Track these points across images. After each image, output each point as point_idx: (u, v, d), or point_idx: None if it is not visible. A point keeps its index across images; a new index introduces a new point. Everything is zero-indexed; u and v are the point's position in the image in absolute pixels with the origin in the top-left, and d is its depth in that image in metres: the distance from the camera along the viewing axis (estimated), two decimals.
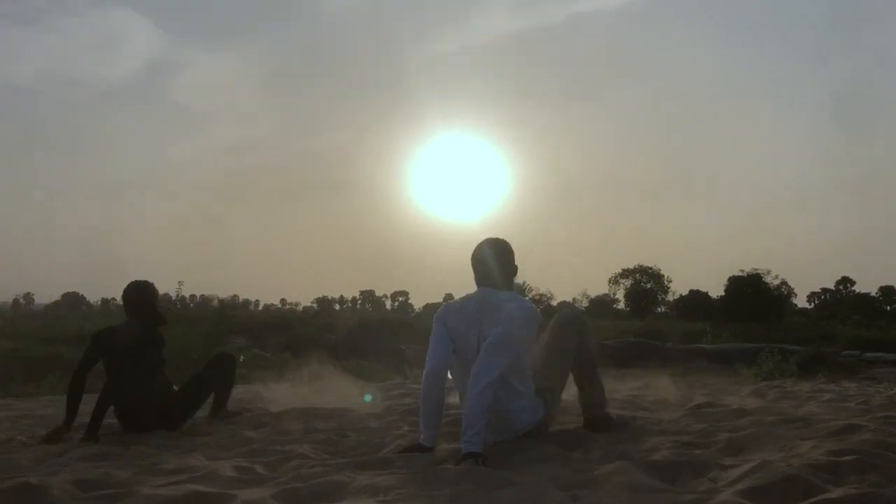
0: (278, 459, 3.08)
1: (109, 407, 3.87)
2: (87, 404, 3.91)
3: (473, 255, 3.31)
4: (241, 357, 16.34)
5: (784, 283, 54.89)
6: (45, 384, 9.98)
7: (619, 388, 5.04)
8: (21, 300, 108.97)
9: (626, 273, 62.32)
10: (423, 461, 2.91)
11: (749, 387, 4.88)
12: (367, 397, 2.31)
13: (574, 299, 70.09)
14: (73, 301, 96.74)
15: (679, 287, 61.99)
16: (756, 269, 51.37)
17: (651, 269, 62.12)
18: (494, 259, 3.27)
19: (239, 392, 5.92)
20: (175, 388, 4.15)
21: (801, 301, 66.25)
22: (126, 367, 3.90)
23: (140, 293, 4.11)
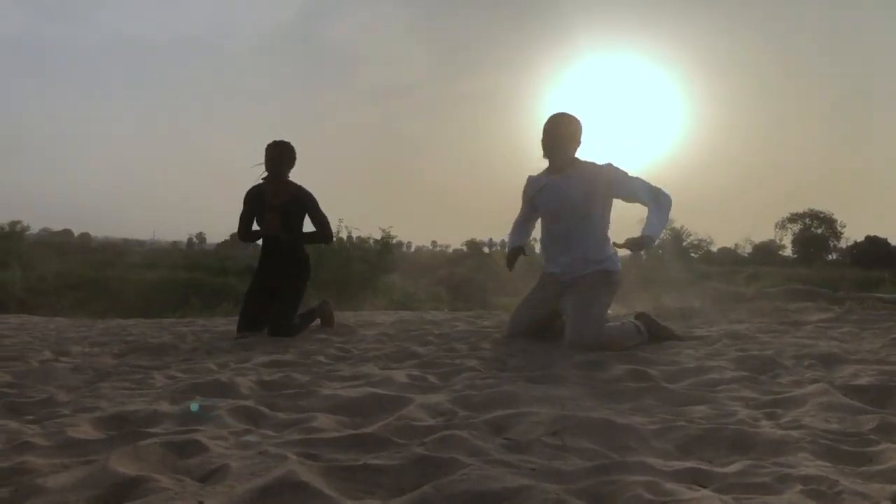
0: (449, 371, 3.08)
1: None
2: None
3: (546, 128, 3.89)
4: (398, 294, 16.90)
5: None
6: (220, 310, 10.68)
7: (805, 320, 4.69)
8: (194, 239, 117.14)
9: (794, 217, 58.80)
10: (599, 379, 2.82)
11: None
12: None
13: (736, 245, 67.06)
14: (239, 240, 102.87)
15: (853, 233, 57.81)
16: None
17: (822, 213, 58.26)
18: (568, 134, 3.88)
19: (404, 315, 6.05)
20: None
21: None
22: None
23: (281, 152, 4.64)
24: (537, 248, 4.59)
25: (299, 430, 2.06)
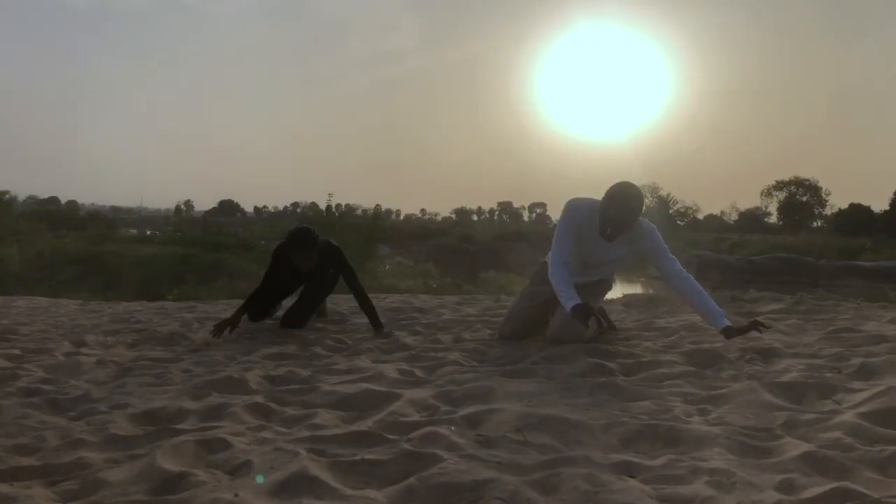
0: (433, 365, 3.48)
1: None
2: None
3: (618, 199, 3.73)
4: (387, 265, 17.24)
5: None
6: (216, 287, 11.02)
7: (758, 311, 5.11)
8: (182, 206, 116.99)
9: (780, 185, 59.43)
10: (564, 373, 3.22)
11: (893, 312, 4.82)
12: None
13: (722, 212, 67.62)
14: (228, 208, 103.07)
15: (838, 200, 58.56)
16: None
17: (808, 181, 58.89)
18: (638, 213, 3.81)
19: (393, 301, 6.43)
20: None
21: None
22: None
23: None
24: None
25: (306, 426, 2.45)
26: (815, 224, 58.59)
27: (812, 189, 58.98)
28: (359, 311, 4.96)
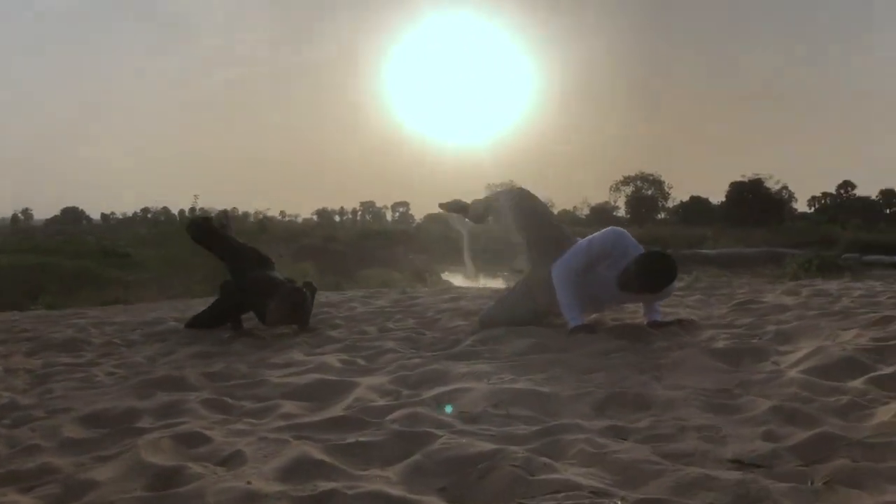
0: (373, 353, 3.43)
1: None
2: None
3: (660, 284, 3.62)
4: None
5: (785, 187, 55.37)
6: (80, 296, 10.39)
7: None
8: (20, 215, 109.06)
9: (626, 180, 62.50)
10: (506, 352, 3.26)
11: (780, 286, 5.22)
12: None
13: (575, 207, 70.32)
14: (73, 216, 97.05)
15: (680, 193, 62.34)
16: (757, 175, 51.76)
17: (652, 175, 62.28)
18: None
19: None
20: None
21: (801, 206, 66.60)
22: None
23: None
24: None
25: (276, 417, 2.37)
26: (659, 216, 62.18)
27: (656, 183, 62.37)
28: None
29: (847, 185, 67.84)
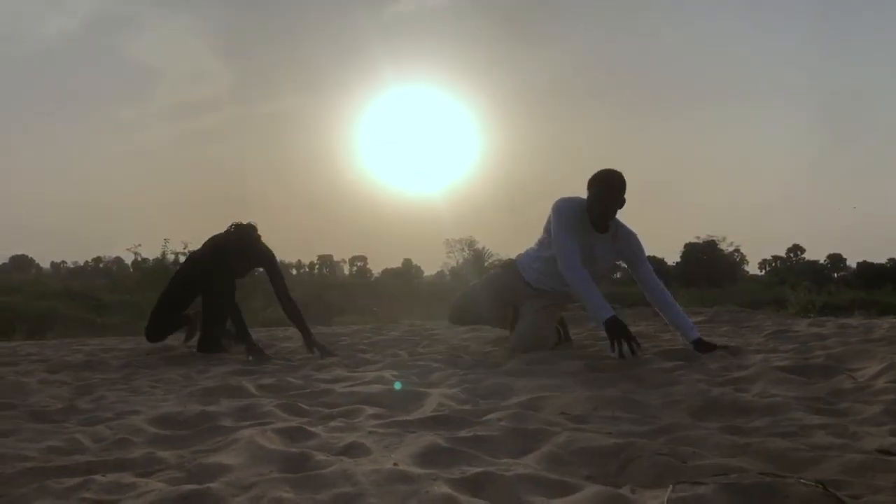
0: (422, 371, 3.32)
1: None
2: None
3: (600, 178, 3.74)
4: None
5: (738, 249, 56.53)
6: (50, 336, 10.01)
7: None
8: None
9: None
10: (562, 371, 3.18)
11: (804, 320, 5.26)
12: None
13: None
14: (21, 263, 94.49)
15: None
16: (711, 236, 52.85)
17: None
18: (623, 194, 3.79)
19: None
20: None
21: (752, 268, 68.15)
22: None
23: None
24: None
25: (368, 416, 2.27)
26: (616, 276, 62.84)
27: None
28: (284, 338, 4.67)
29: (796, 248, 69.75)
